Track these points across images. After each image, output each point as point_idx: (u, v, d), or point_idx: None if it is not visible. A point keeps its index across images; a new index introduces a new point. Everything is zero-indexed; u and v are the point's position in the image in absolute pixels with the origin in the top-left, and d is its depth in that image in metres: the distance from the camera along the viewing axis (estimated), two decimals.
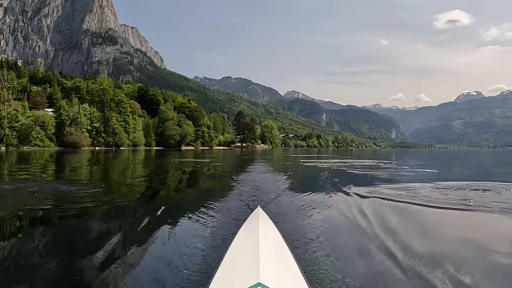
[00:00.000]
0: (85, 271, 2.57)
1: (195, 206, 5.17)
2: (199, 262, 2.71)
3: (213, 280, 1.80)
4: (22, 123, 47.76)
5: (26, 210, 5.01)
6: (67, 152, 36.32)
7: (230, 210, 4.83)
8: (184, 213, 4.70)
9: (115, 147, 61.18)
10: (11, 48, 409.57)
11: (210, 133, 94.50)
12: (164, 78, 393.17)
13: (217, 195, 6.24)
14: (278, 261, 2.00)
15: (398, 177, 11.13)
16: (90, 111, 58.60)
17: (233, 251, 2.20)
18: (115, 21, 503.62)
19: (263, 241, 2.18)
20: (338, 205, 5.36)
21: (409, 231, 3.93)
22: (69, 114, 53.70)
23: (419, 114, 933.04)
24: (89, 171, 12.87)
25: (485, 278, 2.61)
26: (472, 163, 24.68)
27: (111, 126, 61.37)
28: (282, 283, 1.66)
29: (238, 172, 12.67)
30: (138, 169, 14.98)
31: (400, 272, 2.52)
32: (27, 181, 8.58)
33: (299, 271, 1.91)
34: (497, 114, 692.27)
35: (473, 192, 6.58)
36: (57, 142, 53.10)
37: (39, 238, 3.62)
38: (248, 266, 1.79)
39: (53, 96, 63.43)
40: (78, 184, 8.24)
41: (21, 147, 46.34)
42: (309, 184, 7.89)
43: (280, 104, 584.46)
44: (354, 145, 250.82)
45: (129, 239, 3.31)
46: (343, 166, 16.25)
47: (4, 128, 45.73)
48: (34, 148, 47.39)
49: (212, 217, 4.35)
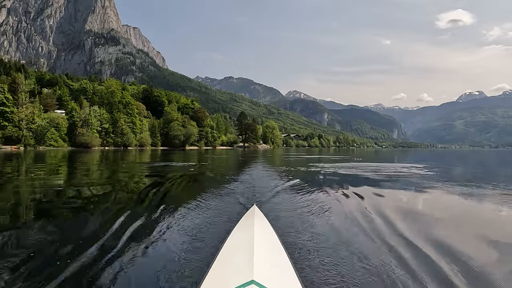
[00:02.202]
0: (74, 270, 2.53)
1: (191, 203, 5.21)
2: (193, 259, 2.73)
3: (207, 277, 1.80)
4: (38, 124, 50.52)
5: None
6: (81, 152, 38.30)
7: (226, 208, 4.88)
8: (179, 210, 4.70)
9: (123, 147, 63.65)
10: (14, 48, 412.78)
11: (213, 133, 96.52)
12: (166, 78, 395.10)
13: (213, 193, 6.28)
14: (272, 259, 2.00)
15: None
16: (100, 113, 61.25)
17: (227, 249, 2.21)
18: (118, 22, 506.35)
19: (257, 239, 2.21)
20: (333, 204, 5.47)
21: (409, 229, 3.95)
22: (80, 116, 56.34)
23: (421, 113, 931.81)
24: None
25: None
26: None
27: (119, 127, 63.96)
28: (276, 281, 1.67)
29: (239, 170, 13.34)
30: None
31: (393, 270, 2.58)
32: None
33: (292, 269, 1.92)
34: (499, 114, 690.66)
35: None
36: (69, 142, 55.69)
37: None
38: (242, 264, 1.80)
39: (62, 98, 66.06)
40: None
41: (37, 147, 49.04)
42: (307, 183, 7.98)
43: (281, 104, 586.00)
44: (355, 145, 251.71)
45: (121, 236, 3.31)
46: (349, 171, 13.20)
47: (22, 129, 48.58)
48: (49, 148, 50.02)
49: (207, 214, 4.42)
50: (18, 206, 5.50)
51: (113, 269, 2.52)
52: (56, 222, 4.30)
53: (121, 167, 15.30)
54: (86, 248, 2.97)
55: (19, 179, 9.44)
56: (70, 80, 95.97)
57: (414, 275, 2.49)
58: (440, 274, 2.54)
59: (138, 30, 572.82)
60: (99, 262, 2.66)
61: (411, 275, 2.49)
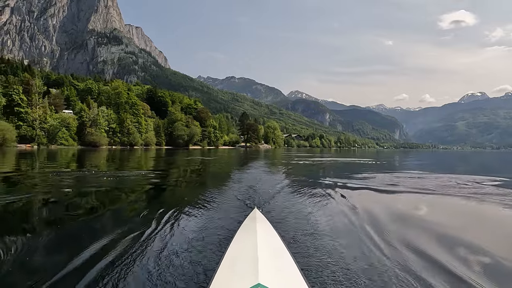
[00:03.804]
0: (74, 269, 2.55)
1: (194, 204, 5.16)
2: (197, 263, 2.70)
3: (213, 281, 1.80)
4: (50, 124, 52.81)
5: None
6: (90, 150, 39.53)
7: (228, 210, 4.83)
8: (182, 212, 4.63)
9: (129, 146, 65.57)
10: (18, 47, 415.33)
11: (216, 133, 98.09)
12: (168, 78, 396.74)
13: (215, 195, 6.22)
14: (276, 262, 2.01)
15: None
16: (108, 113, 63.33)
17: (231, 253, 2.22)
18: (120, 21, 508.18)
19: (261, 242, 2.23)
20: (335, 205, 5.37)
21: (410, 230, 4.00)
22: (89, 116, 58.40)
23: (423, 114, 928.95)
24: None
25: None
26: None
27: (126, 127, 65.99)
28: (282, 283, 1.68)
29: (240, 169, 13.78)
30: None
31: (400, 271, 2.57)
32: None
33: (298, 271, 1.93)
34: (501, 115, 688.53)
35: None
36: (79, 141, 57.75)
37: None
38: (247, 267, 1.82)
39: (70, 98, 68.20)
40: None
41: (49, 146, 51.17)
42: (306, 183, 8.03)
43: (283, 104, 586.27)
44: (356, 146, 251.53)
45: (125, 240, 3.28)
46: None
47: (36, 129, 50.88)
48: (60, 146, 52.07)
49: (209, 218, 4.37)
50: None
51: (116, 274, 2.48)
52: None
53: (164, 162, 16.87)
54: (82, 249, 2.98)
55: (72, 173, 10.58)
56: (75, 80, 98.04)
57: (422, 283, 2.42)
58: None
59: (140, 30, 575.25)
60: (98, 265, 2.63)
61: (417, 281, 2.44)
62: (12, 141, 44.70)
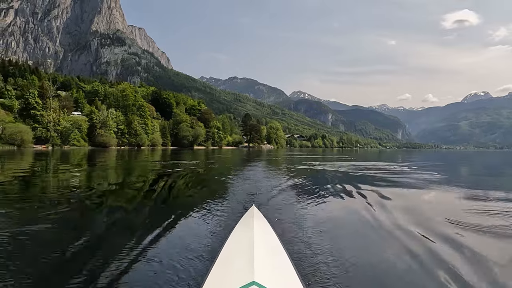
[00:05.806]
0: (71, 266, 2.56)
1: (191, 202, 5.21)
2: (192, 260, 2.68)
3: (207, 278, 1.79)
4: (63, 126, 55.32)
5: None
6: (102, 151, 40.99)
7: (225, 208, 4.85)
8: (179, 210, 4.69)
9: (137, 146, 67.80)
10: (22, 49, 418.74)
11: (219, 134, 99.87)
12: (171, 78, 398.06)
13: (213, 193, 6.30)
14: (272, 260, 2.00)
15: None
16: (116, 115, 65.65)
17: (227, 250, 2.21)
18: (123, 22, 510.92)
19: (257, 239, 2.22)
20: (333, 203, 5.40)
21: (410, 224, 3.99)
22: (99, 118, 60.84)
23: (426, 114, 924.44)
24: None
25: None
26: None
27: (133, 128, 68.33)
28: (277, 282, 1.67)
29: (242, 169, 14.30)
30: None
31: (396, 269, 2.60)
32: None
33: (293, 269, 1.92)
34: (504, 115, 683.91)
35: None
36: (89, 142, 60.10)
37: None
38: (243, 265, 1.80)
39: (78, 100, 70.44)
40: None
41: (63, 146, 53.57)
42: (305, 183, 8.17)
43: (286, 105, 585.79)
44: (359, 146, 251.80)
45: (120, 236, 3.29)
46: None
47: (50, 130, 53.33)
48: (72, 147, 54.31)
49: (206, 215, 4.37)
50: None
51: (112, 270, 2.50)
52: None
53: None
54: (80, 245, 3.05)
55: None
56: (82, 82, 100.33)
57: (417, 278, 2.45)
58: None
59: (143, 31, 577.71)
60: (96, 261, 2.66)
61: (413, 277, 2.47)
62: (29, 142, 47.24)
